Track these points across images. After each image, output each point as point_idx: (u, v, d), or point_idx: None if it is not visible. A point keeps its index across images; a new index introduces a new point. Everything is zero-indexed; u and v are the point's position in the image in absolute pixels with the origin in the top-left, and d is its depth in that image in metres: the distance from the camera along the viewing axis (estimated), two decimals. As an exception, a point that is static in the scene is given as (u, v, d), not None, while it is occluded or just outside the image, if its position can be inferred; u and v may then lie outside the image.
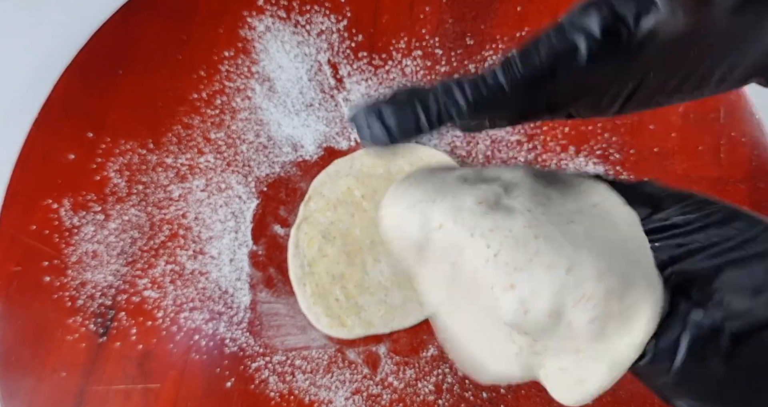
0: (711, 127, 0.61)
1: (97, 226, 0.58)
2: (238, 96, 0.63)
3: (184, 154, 0.61)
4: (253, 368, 0.54)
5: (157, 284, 0.57)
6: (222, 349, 0.55)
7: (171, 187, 0.60)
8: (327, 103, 0.62)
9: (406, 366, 0.54)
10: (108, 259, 0.57)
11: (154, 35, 0.65)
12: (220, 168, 0.60)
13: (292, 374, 0.54)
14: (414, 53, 0.64)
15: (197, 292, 0.57)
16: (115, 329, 0.56)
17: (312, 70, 0.63)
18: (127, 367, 0.55)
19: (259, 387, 0.54)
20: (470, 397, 0.53)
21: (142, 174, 0.60)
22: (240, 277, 0.57)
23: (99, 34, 0.64)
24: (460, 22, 0.65)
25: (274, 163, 0.61)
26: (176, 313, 0.56)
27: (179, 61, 0.64)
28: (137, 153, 0.61)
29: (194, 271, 0.57)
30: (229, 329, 0.56)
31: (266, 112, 0.62)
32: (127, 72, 0.63)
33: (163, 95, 0.63)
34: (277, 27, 0.65)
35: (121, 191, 0.59)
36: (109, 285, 0.57)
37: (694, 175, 0.60)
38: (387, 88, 0.62)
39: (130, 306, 0.56)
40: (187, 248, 0.58)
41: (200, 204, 0.59)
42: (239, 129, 0.61)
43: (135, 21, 0.65)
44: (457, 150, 0.61)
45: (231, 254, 0.58)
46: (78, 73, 0.63)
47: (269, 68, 0.63)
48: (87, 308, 0.56)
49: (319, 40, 0.64)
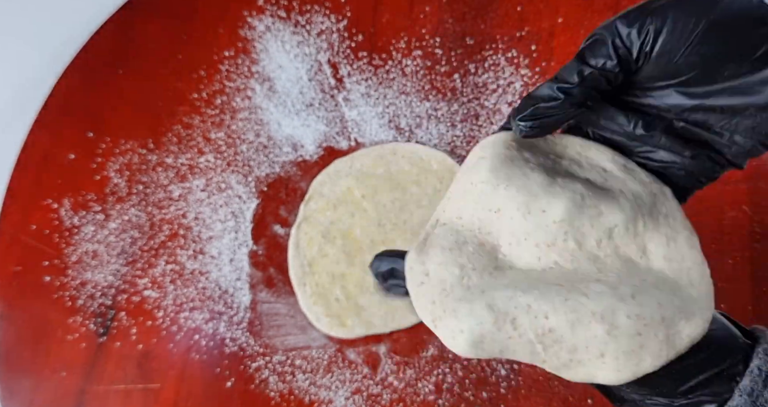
0: (711, 127, 0.61)
1: (97, 226, 0.58)
2: (238, 96, 0.63)
3: (184, 154, 0.61)
4: (253, 368, 0.54)
5: (157, 284, 0.57)
6: (222, 349, 0.55)
7: (171, 187, 0.60)
8: (327, 103, 0.62)
9: (406, 366, 0.54)
10: (108, 259, 0.57)
11: (154, 35, 0.65)
12: (220, 168, 0.60)
13: (292, 374, 0.54)
14: (414, 53, 0.64)
15: (197, 292, 0.57)
16: (115, 329, 0.56)
17: (312, 69, 0.63)
18: (127, 367, 0.55)
19: (259, 386, 0.54)
20: (470, 397, 0.53)
21: (142, 174, 0.60)
22: (240, 277, 0.57)
23: (99, 34, 0.64)
24: (460, 22, 0.65)
25: (274, 162, 0.61)
26: (176, 313, 0.56)
27: (179, 61, 0.64)
28: (137, 153, 0.61)
29: (194, 271, 0.57)
30: (229, 329, 0.56)
31: (266, 112, 0.62)
32: (127, 72, 0.63)
33: (163, 95, 0.63)
34: (277, 27, 0.65)
35: (121, 191, 0.59)
36: (109, 285, 0.57)
37: (694, 175, 0.60)
38: (387, 87, 0.62)
39: (130, 306, 0.56)
40: (187, 248, 0.58)
41: (200, 204, 0.59)
42: (239, 129, 0.62)
43: (135, 21, 0.65)
44: (457, 150, 0.61)
45: (231, 254, 0.58)
46: (78, 73, 0.63)
47: (269, 68, 0.64)
48: (87, 308, 0.56)
49: (319, 40, 0.64)
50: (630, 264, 0.30)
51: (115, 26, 0.65)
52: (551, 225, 0.30)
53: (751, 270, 0.57)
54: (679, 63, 0.27)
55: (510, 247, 0.30)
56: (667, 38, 0.27)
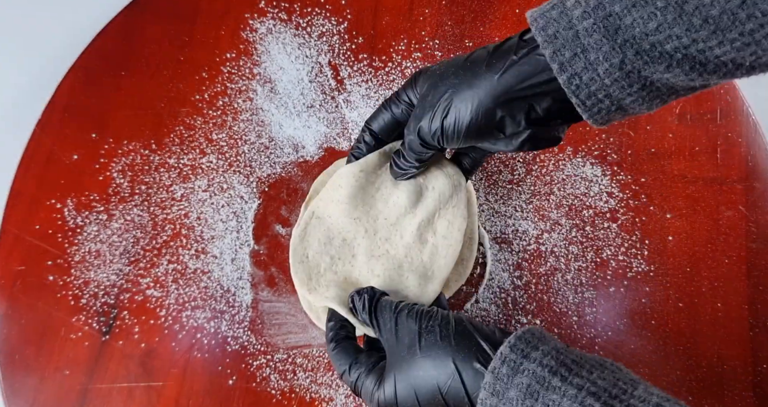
0: (707, 128, 0.62)
1: (100, 226, 0.59)
2: (240, 97, 0.63)
3: (186, 155, 0.61)
4: (254, 366, 0.55)
5: (159, 283, 0.57)
6: (224, 347, 0.56)
7: (173, 187, 0.60)
8: (328, 105, 0.63)
9: (406, 364, 0.55)
10: (111, 259, 0.58)
11: (157, 37, 0.65)
12: (222, 168, 0.61)
13: (294, 372, 0.55)
14: (414, 55, 0.64)
15: (199, 291, 0.57)
16: (117, 328, 0.56)
17: (313, 71, 0.64)
18: (130, 365, 0.55)
19: (260, 384, 0.54)
20: (469, 395, 0.54)
21: (145, 174, 0.60)
22: (242, 276, 0.58)
23: (102, 36, 0.65)
24: (459, 25, 0.65)
25: (275, 163, 0.61)
26: (178, 312, 0.57)
27: (181, 63, 0.64)
28: (140, 153, 0.61)
29: (196, 270, 0.58)
30: (230, 327, 0.56)
31: (268, 113, 0.63)
32: (130, 73, 0.64)
33: (166, 96, 0.63)
34: (279, 29, 0.66)
35: (124, 191, 0.60)
36: (112, 285, 0.57)
37: (690, 175, 0.61)
38: (387, 89, 0.63)
39: (132, 305, 0.57)
40: (189, 247, 0.58)
41: (202, 204, 0.60)
42: (241, 130, 0.62)
43: (137, 23, 0.66)
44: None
45: (233, 253, 0.58)
46: (81, 75, 0.64)
47: (271, 70, 0.64)
48: (90, 307, 0.57)
49: (320, 42, 0.65)
50: (425, 244, 0.51)
51: (118, 28, 0.65)
52: (388, 227, 0.51)
53: (747, 269, 0.58)
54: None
55: (362, 240, 0.51)
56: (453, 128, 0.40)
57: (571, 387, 0.32)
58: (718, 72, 0.31)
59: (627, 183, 0.60)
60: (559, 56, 0.33)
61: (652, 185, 0.60)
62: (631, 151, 0.61)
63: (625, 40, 0.32)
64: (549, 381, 0.32)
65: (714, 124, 0.62)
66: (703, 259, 0.58)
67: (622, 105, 0.34)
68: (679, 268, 0.58)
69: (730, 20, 0.29)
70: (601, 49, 0.32)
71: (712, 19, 0.29)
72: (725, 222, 0.59)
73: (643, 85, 0.33)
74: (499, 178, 0.61)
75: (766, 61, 0.30)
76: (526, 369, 0.33)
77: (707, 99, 0.63)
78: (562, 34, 0.33)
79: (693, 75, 0.32)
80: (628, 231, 0.59)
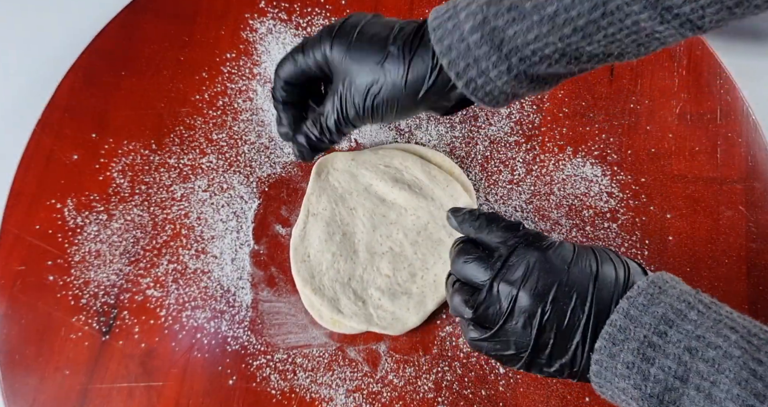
0: (707, 128, 0.62)
1: (100, 226, 0.59)
2: (240, 97, 0.63)
3: (186, 155, 0.61)
4: (254, 366, 0.55)
5: (159, 283, 0.57)
6: (224, 347, 0.56)
7: (173, 187, 0.60)
8: (328, 104, 0.63)
9: (405, 364, 0.55)
10: (111, 259, 0.58)
11: (157, 37, 0.65)
12: (222, 168, 0.61)
13: (294, 372, 0.55)
14: (414, 55, 0.64)
15: (199, 291, 0.57)
16: (117, 328, 0.56)
17: (313, 71, 0.64)
18: (130, 365, 0.55)
19: (260, 384, 0.54)
20: (469, 395, 0.54)
21: (145, 174, 0.60)
22: (242, 276, 0.58)
23: (102, 36, 0.65)
24: (460, 25, 0.65)
25: (275, 163, 0.61)
26: (178, 312, 0.57)
27: (181, 63, 0.64)
28: (140, 153, 0.61)
29: (196, 270, 0.58)
30: (230, 327, 0.56)
31: (268, 114, 0.63)
32: (130, 73, 0.64)
33: (166, 96, 0.63)
34: (279, 29, 0.66)
35: (124, 191, 0.60)
36: (112, 285, 0.57)
37: (690, 175, 0.61)
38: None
39: (132, 305, 0.57)
40: (189, 247, 0.58)
41: (202, 204, 0.60)
42: (241, 130, 0.62)
43: (137, 23, 0.66)
44: (456, 151, 0.61)
45: (233, 253, 0.58)
46: (81, 75, 0.64)
47: (271, 70, 0.64)
48: (90, 307, 0.57)
49: (319, 42, 0.65)
50: (439, 242, 0.55)
51: (118, 28, 0.65)
52: (389, 225, 0.55)
53: (747, 269, 0.58)
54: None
55: (363, 235, 0.54)
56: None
57: (708, 320, 0.33)
58: (592, 61, 0.38)
59: (627, 183, 0.60)
60: (455, 67, 0.39)
61: (652, 185, 0.60)
62: (631, 151, 0.61)
63: (510, 50, 0.37)
64: (685, 314, 0.34)
65: (714, 124, 0.62)
66: (703, 259, 0.58)
67: (517, 94, 0.40)
68: (679, 268, 0.58)
69: (594, 28, 0.35)
70: (490, 59, 0.38)
71: (580, 28, 0.35)
72: (725, 222, 0.59)
73: (531, 80, 0.39)
74: (499, 178, 0.61)
75: (631, 50, 0.36)
76: (662, 301, 0.34)
77: (707, 99, 0.63)
78: (456, 46, 0.38)
79: (571, 66, 0.38)
80: (628, 231, 0.59)
